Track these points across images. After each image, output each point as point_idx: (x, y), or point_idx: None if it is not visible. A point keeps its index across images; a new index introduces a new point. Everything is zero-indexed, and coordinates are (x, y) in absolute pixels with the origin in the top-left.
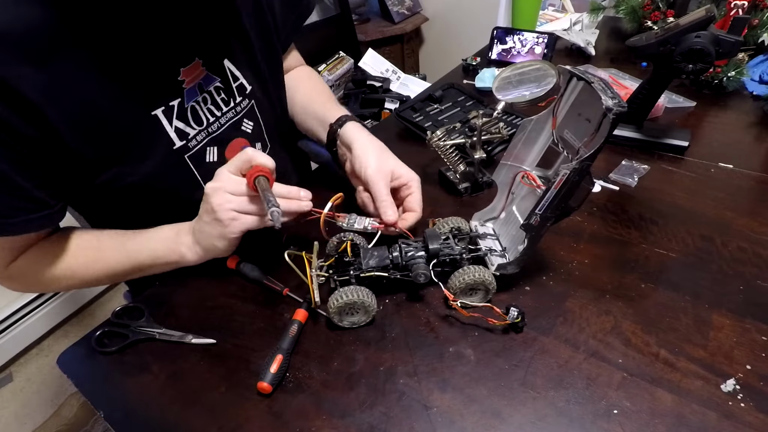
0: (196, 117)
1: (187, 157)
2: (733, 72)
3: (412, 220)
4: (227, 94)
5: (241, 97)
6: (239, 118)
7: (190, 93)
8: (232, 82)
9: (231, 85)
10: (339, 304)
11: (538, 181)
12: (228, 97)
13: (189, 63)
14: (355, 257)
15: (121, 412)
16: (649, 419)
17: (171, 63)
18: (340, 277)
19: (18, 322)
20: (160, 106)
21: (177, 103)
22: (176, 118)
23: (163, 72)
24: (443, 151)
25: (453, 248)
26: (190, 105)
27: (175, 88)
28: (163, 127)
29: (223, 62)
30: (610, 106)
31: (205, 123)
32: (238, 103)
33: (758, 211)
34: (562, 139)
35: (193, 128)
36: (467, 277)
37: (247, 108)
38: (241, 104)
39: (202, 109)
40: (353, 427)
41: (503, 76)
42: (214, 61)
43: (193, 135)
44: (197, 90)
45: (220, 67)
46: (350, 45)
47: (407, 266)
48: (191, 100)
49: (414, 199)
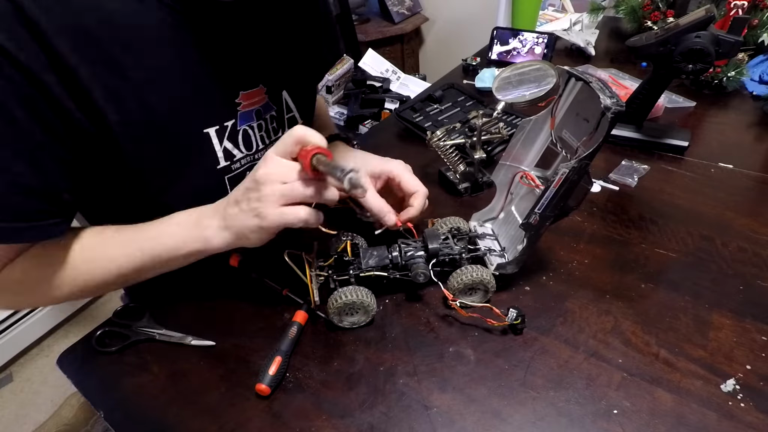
0: (246, 141)
1: (228, 178)
2: (733, 72)
3: (420, 202)
4: (278, 124)
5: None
6: None
7: (244, 116)
8: (286, 113)
9: (284, 116)
10: (338, 304)
11: (537, 181)
12: (279, 126)
13: (251, 88)
14: (354, 257)
15: (121, 412)
16: (649, 419)
17: (232, 84)
18: (340, 277)
19: (18, 322)
20: (214, 125)
21: (230, 125)
22: (227, 138)
23: (222, 92)
24: (443, 151)
25: (452, 248)
26: (242, 128)
27: (230, 109)
28: (213, 146)
29: (281, 93)
30: (609, 105)
31: (255, 149)
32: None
33: (758, 211)
34: (560, 139)
35: (242, 152)
36: (466, 277)
37: None
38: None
39: (255, 135)
40: (353, 427)
41: (503, 76)
42: (275, 90)
43: (239, 158)
44: (254, 115)
45: (279, 98)
46: (350, 45)
47: (407, 266)
48: (244, 123)
49: (406, 181)
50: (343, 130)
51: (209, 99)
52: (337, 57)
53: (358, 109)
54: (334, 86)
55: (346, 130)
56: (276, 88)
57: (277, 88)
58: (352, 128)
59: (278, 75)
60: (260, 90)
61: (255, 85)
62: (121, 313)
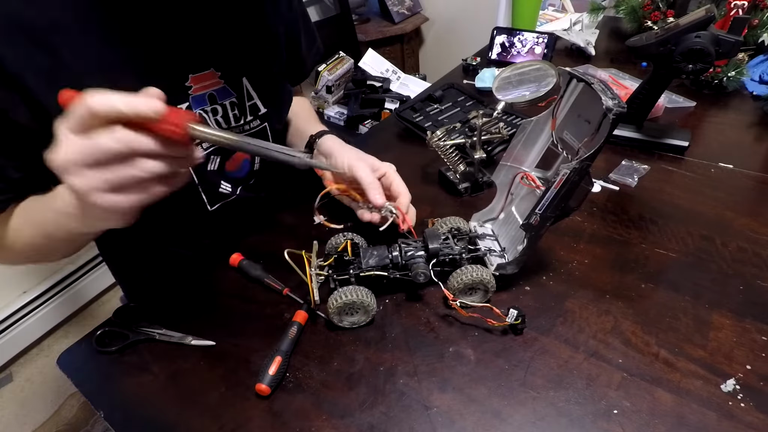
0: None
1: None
2: (733, 72)
3: (406, 201)
4: (240, 111)
5: (252, 117)
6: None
7: (197, 100)
8: (247, 100)
9: (245, 103)
10: (338, 304)
11: (538, 181)
12: (240, 113)
13: (201, 71)
14: (354, 257)
15: (121, 412)
16: (649, 419)
17: (181, 67)
18: (340, 277)
19: (18, 322)
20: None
21: (185, 107)
22: None
23: (171, 74)
24: (443, 151)
25: (452, 248)
26: (198, 112)
27: (181, 92)
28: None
29: (241, 79)
30: (611, 106)
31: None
32: (248, 122)
33: (758, 211)
34: (561, 140)
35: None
36: (466, 277)
37: (258, 129)
38: (250, 123)
39: (210, 119)
40: (353, 427)
41: (503, 76)
42: (232, 76)
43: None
44: (207, 99)
45: (239, 84)
46: (350, 45)
47: (407, 266)
48: (198, 108)
49: (396, 183)
50: (343, 130)
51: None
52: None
53: (358, 109)
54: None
55: (346, 130)
56: (233, 74)
57: (234, 74)
58: (352, 128)
59: (234, 60)
60: (212, 74)
61: (206, 68)
62: (121, 313)
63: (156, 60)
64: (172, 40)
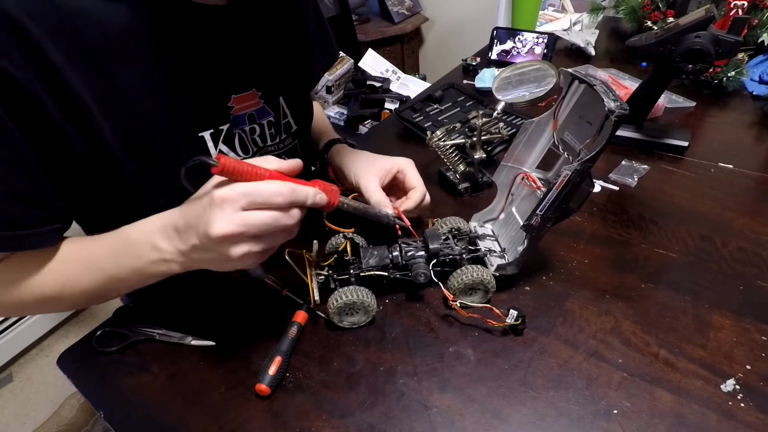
0: (242, 145)
1: None
2: (733, 72)
3: (418, 196)
4: (276, 129)
5: (286, 135)
6: (279, 153)
7: (237, 120)
8: (282, 119)
9: (281, 122)
10: (339, 304)
11: (539, 182)
12: (276, 132)
13: (242, 91)
14: (354, 256)
15: (121, 412)
16: (649, 419)
17: (223, 88)
18: (340, 277)
19: (18, 322)
20: (209, 129)
21: (226, 128)
22: (222, 142)
23: (214, 95)
24: (443, 151)
25: (453, 248)
26: (237, 132)
27: (223, 113)
28: (208, 150)
29: (278, 98)
30: (613, 108)
31: (251, 152)
32: (282, 140)
33: (758, 211)
34: (562, 141)
35: (238, 155)
36: (466, 277)
37: (290, 146)
38: (284, 141)
39: (248, 138)
40: (353, 427)
41: (503, 76)
42: (271, 95)
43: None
44: (246, 119)
45: (276, 103)
46: (350, 45)
47: (407, 266)
48: (237, 127)
49: (410, 178)
50: (343, 129)
51: (200, 103)
52: (331, 58)
53: (358, 109)
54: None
55: (346, 130)
56: (272, 93)
57: (273, 94)
58: (352, 128)
59: (273, 80)
60: (253, 94)
61: (247, 89)
62: (121, 313)
63: (200, 82)
64: (216, 62)
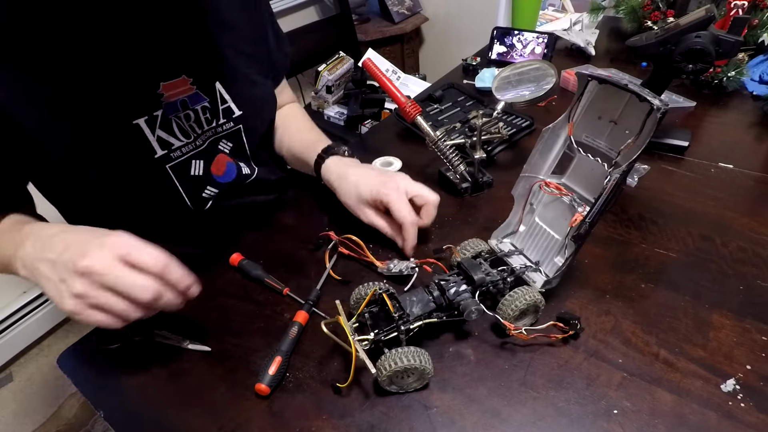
0: (182, 130)
1: (168, 166)
2: (733, 72)
3: (431, 210)
4: (212, 114)
5: (225, 119)
6: (218, 137)
7: (169, 107)
8: (220, 104)
9: (218, 107)
10: (395, 368)
11: (563, 189)
12: (212, 117)
13: (172, 78)
14: (399, 309)
15: (121, 412)
16: (649, 419)
17: (151, 76)
18: (387, 336)
19: (18, 322)
20: (143, 116)
21: (160, 114)
22: (159, 128)
23: (142, 84)
24: (443, 151)
25: (494, 275)
26: (172, 118)
27: (154, 100)
28: (146, 136)
29: (214, 84)
30: (659, 105)
31: (193, 137)
32: (220, 124)
33: (758, 211)
34: (581, 144)
35: (180, 140)
36: (520, 303)
37: (232, 130)
38: (223, 126)
39: (184, 124)
40: (353, 427)
41: (503, 76)
42: (205, 81)
43: (178, 146)
44: (179, 105)
45: (211, 89)
46: (350, 45)
47: (452, 304)
48: (172, 114)
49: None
50: (343, 130)
51: (128, 92)
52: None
53: (358, 109)
54: (334, 86)
55: (346, 130)
56: (205, 79)
57: (207, 80)
58: (352, 128)
59: (206, 66)
60: (183, 80)
61: (177, 75)
62: None
63: (126, 71)
64: (141, 49)
